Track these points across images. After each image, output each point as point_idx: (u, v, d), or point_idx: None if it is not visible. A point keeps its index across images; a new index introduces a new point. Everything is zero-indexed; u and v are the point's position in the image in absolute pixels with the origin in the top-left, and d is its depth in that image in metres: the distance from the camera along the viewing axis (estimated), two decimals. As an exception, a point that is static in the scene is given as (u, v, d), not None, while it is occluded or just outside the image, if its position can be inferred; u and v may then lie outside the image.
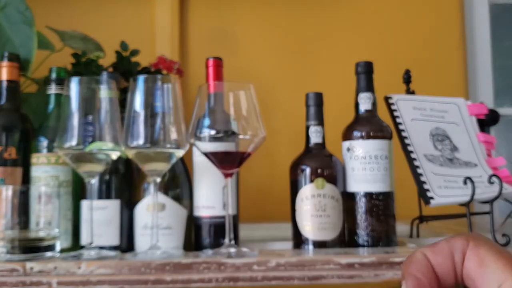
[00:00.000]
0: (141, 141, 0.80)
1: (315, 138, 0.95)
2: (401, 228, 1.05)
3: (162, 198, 0.89)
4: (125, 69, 1.21)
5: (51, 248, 0.82)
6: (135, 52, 1.25)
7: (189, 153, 0.91)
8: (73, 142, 0.82)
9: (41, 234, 0.82)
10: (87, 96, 0.84)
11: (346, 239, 0.92)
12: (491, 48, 1.71)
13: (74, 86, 0.84)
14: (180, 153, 0.84)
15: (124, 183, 0.93)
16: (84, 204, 0.90)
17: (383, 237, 0.90)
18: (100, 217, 0.89)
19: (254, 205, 1.44)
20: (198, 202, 0.92)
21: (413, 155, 0.93)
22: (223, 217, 0.89)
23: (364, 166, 0.91)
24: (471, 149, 0.99)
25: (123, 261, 0.77)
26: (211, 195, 0.92)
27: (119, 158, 0.89)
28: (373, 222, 0.90)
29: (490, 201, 0.89)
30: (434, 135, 0.98)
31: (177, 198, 0.91)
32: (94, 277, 0.75)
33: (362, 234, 0.90)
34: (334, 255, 0.79)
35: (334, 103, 1.09)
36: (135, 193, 0.93)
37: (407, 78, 1.09)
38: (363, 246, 0.89)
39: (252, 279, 0.76)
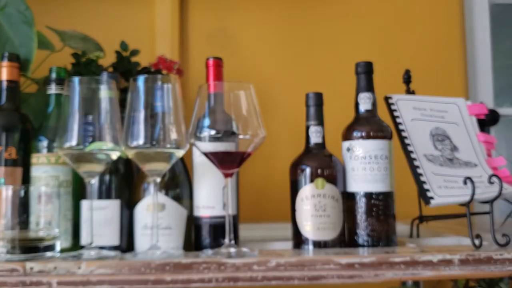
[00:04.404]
0: (141, 141, 0.80)
1: (315, 138, 0.95)
2: (401, 228, 1.05)
3: (162, 198, 0.89)
4: (125, 69, 1.21)
5: (51, 248, 0.82)
6: (135, 52, 1.25)
7: (189, 153, 0.91)
8: (73, 142, 0.82)
9: (41, 234, 0.82)
10: (87, 96, 0.84)
11: (346, 239, 0.92)
12: (491, 48, 1.71)
13: (74, 86, 0.84)
14: (180, 153, 0.84)
15: (124, 183, 0.93)
16: (84, 204, 0.90)
17: (383, 237, 0.90)
18: (100, 217, 0.89)
19: (254, 205, 1.44)
20: (198, 202, 0.92)
21: (413, 155, 0.93)
22: (223, 217, 0.89)
23: (364, 166, 0.91)
24: (471, 149, 0.99)
25: (123, 261, 0.77)
26: (211, 195, 0.92)
27: (119, 158, 0.89)
28: (373, 222, 0.90)
29: (490, 201, 0.89)
30: (434, 135, 0.98)
31: (177, 198, 0.91)
32: (94, 277, 0.75)
33: (362, 234, 0.90)
34: (334, 255, 0.79)
35: (334, 103, 1.09)
36: (135, 193, 0.93)
37: (407, 78, 1.09)
38: (363, 246, 0.89)
39: (252, 279, 0.76)
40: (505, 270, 0.79)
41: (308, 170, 0.91)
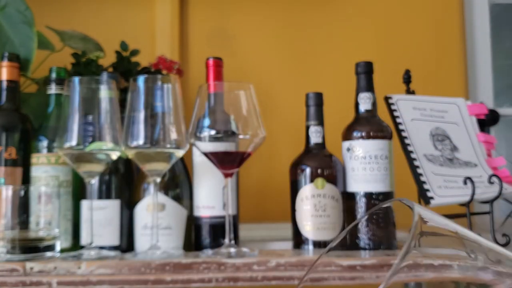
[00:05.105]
0: (141, 141, 0.80)
1: (315, 138, 0.95)
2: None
3: (162, 198, 0.89)
4: (125, 69, 1.21)
5: (51, 248, 0.82)
6: (135, 52, 1.25)
7: (189, 153, 0.91)
8: (73, 142, 0.82)
9: (41, 234, 0.82)
10: (87, 96, 0.84)
11: (346, 239, 0.92)
12: (491, 48, 1.71)
13: (74, 86, 0.84)
14: (180, 153, 0.84)
15: (124, 183, 0.93)
16: (84, 204, 0.90)
17: (384, 237, 0.90)
18: (100, 217, 0.89)
19: (254, 205, 1.44)
20: (198, 202, 0.92)
21: (413, 155, 0.93)
22: (223, 217, 0.89)
23: (364, 166, 0.91)
24: (471, 149, 0.98)
25: (123, 261, 0.77)
26: (211, 195, 0.92)
27: (119, 158, 0.89)
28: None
29: (490, 201, 0.89)
30: (434, 135, 0.98)
31: (177, 198, 0.91)
32: (94, 277, 0.75)
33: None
34: (335, 256, 0.79)
35: (334, 103, 1.09)
36: (135, 193, 0.93)
37: (407, 78, 1.09)
38: (363, 247, 0.89)
39: (252, 279, 0.76)
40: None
41: (308, 170, 0.91)
